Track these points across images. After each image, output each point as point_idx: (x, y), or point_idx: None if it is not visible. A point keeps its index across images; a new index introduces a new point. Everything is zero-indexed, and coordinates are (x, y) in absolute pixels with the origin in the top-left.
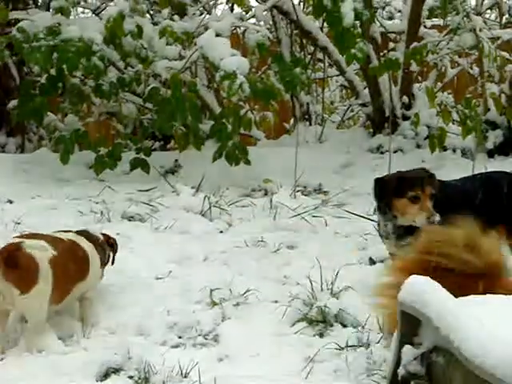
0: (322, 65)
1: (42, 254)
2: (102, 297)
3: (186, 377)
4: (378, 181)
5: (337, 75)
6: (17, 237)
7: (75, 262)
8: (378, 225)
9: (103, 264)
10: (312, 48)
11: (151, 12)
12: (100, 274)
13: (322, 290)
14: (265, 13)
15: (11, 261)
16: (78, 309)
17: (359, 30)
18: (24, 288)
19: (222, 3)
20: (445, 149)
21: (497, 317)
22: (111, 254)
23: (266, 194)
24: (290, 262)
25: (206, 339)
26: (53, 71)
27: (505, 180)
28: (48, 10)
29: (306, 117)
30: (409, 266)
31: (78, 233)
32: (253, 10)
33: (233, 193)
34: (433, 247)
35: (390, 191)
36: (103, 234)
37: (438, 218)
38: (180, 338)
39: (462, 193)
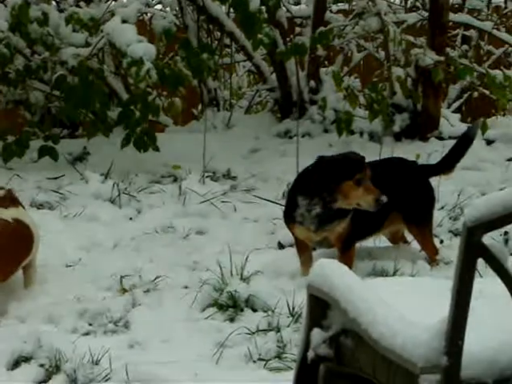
0: (229, 50)
1: None
2: (11, 285)
3: (97, 364)
4: (324, 162)
5: (244, 60)
6: None
7: (19, 242)
8: (289, 210)
9: None
10: (219, 33)
11: None
12: None
13: (231, 275)
14: None
15: None
16: None
17: (265, 15)
18: None
19: None
20: (352, 133)
21: (404, 298)
22: None
23: (175, 181)
24: (199, 247)
25: (116, 326)
26: None
27: (400, 166)
28: None
29: (214, 102)
30: None
31: None
32: None
33: (142, 179)
34: None
35: (338, 173)
36: None
37: (385, 198)
38: (90, 325)
39: None
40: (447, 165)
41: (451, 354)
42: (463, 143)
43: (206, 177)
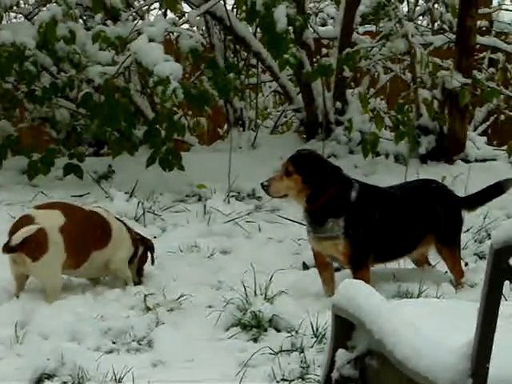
0: (255, 70)
1: (52, 223)
2: (35, 302)
3: (120, 382)
4: None
5: (270, 81)
6: (34, 207)
7: (92, 231)
8: None
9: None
10: (245, 53)
11: (84, 17)
12: (128, 253)
13: (255, 294)
14: (198, 18)
15: None
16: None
17: (292, 35)
18: (35, 256)
19: (155, 9)
20: (378, 154)
21: (429, 319)
22: (143, 252)
23: (199, 200)
24: (223, 267)
25: (140, 344)
26: None
27: (434, 189)
28: None
29: (240, 122)
30: None
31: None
32: (186, 15)
33: (166, 198)
34: None
35: None
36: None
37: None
38: (114, 343)
39: (391, 200)
40: (470, 204)
41: (477, 376)
42: (493, 192)
43: (231, 196)
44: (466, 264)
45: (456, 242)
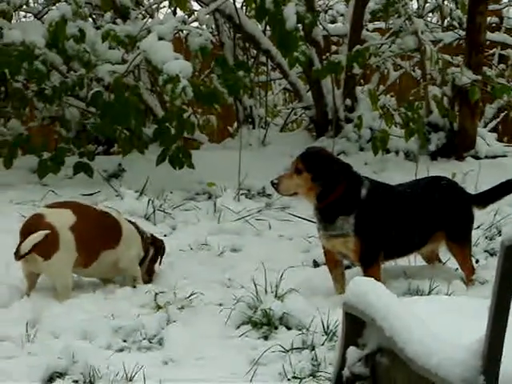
0: (265, 68)
1: (63, 222)
2: (46, 301)
3: (131, 380)
4: None
5: (280, 78)
6: (44, 206)
7: (102, 231)
8: None
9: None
10: (255, 51)
11: (93, 16)
12: (137, 253)
13: (266, 292)
14: (207, 16)
15: (33, 231)
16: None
17: (302, 33)
18: (46, 255)
19: (164, 7)
20: (388, 151)
21: (440, 317)
22: (154, 254)
23: (209, 198)
24: (234, 265)
25: (150, 343)
26: None
27: (444, 185)
28: None
29: (250, 120)
30: None
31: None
32: (195, 13)
33: (177, 196)
34: None
35: None
36: (151, 235)
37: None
38: (125, 341)
39: (401, 197)
40: (481, 201)
41: (488, 373)
42: (504, 189)
43: (241, 194)
44: (477, 261)
45: (466, 239)
